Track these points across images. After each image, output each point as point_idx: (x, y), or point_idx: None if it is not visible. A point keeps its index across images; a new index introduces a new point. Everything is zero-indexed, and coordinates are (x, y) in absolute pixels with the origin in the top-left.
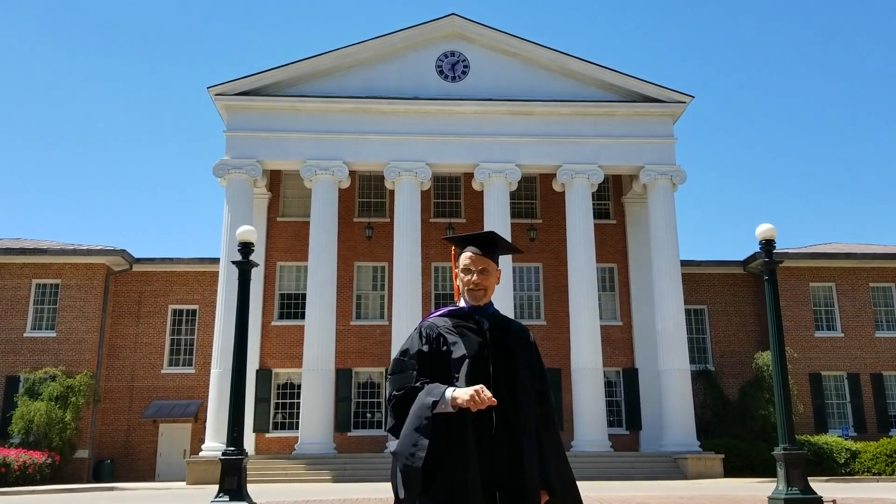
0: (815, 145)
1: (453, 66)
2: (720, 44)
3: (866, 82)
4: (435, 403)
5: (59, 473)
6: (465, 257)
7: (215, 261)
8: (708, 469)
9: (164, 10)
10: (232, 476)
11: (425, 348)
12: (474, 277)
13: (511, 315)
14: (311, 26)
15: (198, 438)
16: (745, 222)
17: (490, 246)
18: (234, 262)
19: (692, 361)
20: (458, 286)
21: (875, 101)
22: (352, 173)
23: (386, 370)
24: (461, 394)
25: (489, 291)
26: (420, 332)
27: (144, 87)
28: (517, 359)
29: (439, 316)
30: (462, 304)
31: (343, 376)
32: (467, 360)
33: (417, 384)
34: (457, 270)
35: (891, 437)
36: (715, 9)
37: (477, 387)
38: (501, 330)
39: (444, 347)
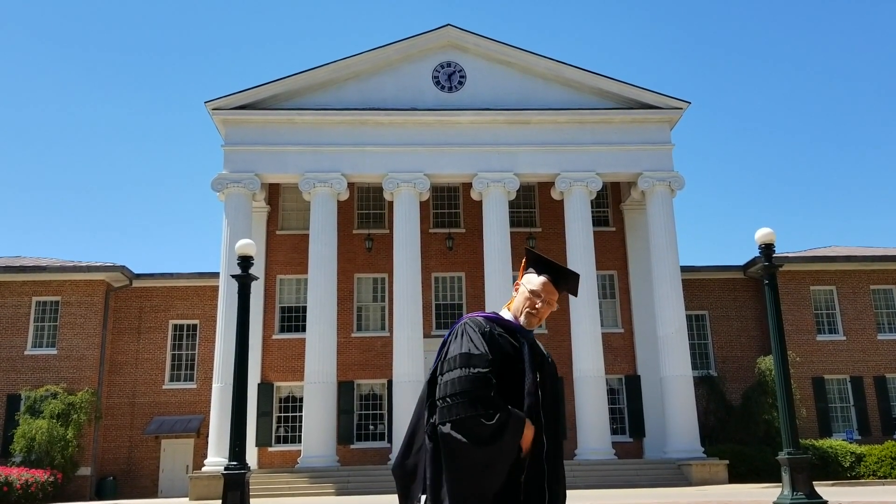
0: (813, 148)
1: (449, 77)
2: (716, 49)
3: (864, 85)
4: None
5: (61, 491)
6: (542, 282)
7: (215, 275)
8: (713, 475)
9: (161, 26)
10: (235, 491)
11: (488, 349)
12: (540, 305)
13: None
14: (307, 40)
15: (200, 454)
16: (744, 227)
17: (570, 284)
18: (233, 276)
19: (694, 367)
20: (516, 297)
21: (873, 103)
22: (350, 185)
23: (388, 381)
24: (527, 438)
25: (542, 321)
26: (476, 330)
27: (142, 102)
28: (549, 384)
29: (486, 318)
30: (507, 315)
31: (345, 389)
32: (528, 381)
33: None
34: (520, 283)
35: (895, 439)
36: (710, 14)
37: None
38: (540, 355)
39: (502, 353)
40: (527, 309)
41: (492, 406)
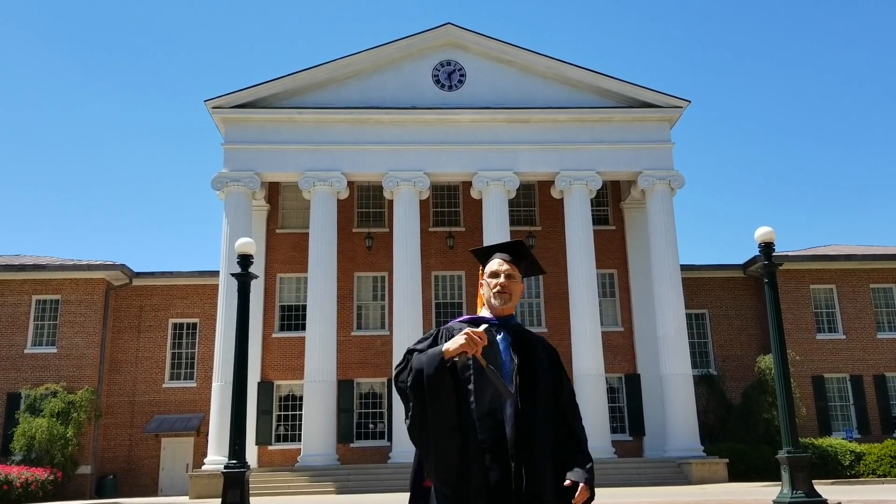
0: (813, 146)
1: (450, 75)
2: (716, 48)
3: (863, 83)
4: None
5: (61, 490)
6: (494, 262)
7: (215, 274)
8: (712, 474)
9: (161, 25)
10: (234, 489)
11: (429, 341)
12: (501, 280)
13: None
14: (308, 39)
15: (200, 452)
16: (744, 225)
17: (517, 254)
18: (233, 275)
19: (694, 366)
20: (483, 294)
21: (872, 101)
22: (350, 184)
23: (388, 380)
24: (450, 345)
25: (514, 298)
26: (437, 330)
27: (142, 100)
28: (538, 370)
29: (459, 321)
30: (484, 313)
31: (345, 387)
32: (473, 370)
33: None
34: (482, 280)
35: (895, 438)
36: (710, 13)
37: (466, 330)
38: (523, 342)
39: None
40: (493, 291)
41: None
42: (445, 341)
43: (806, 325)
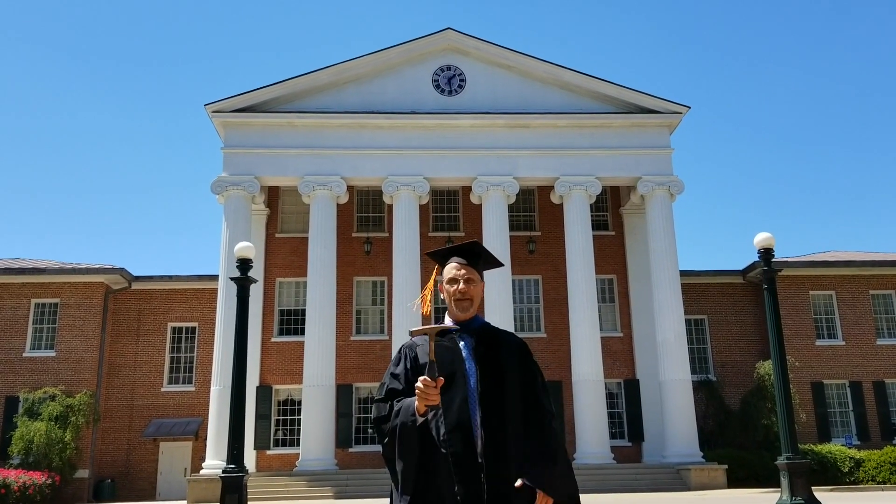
0: (813, 152)
1: (449, 80)
2: (715, 53)
3: (863, 88)
4: (412, 428)
5: (59, 494)
6: (450, 268)
7: (214, 278)
8: (711, 480)
9: (161, 29)
10: (233, 494)
11: (399, 370)
12: (460, 286)
13: (511, 328)
14: (308, 43)
15: (198, 456)
16: (743, 231)
17: (473, 256)
18: (232, 279)
19: (693, 371)
20: (428, 299)
21: (873, 107)
22: (350, 188)
23: None
24: (419, 404)
25: (475, 301)
26: (399, 353)
27: (143, 103)
28: (506, 374)
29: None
30: (447, 321)
31: (343, 392)
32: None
33: (386, 413)
34: (440, 284)
35: (894, 445)
36: (709, 19)
37: (418, 385)
38: (488, 344)
39: (418, 368)
40: (452, 299)
41: (384, 421)
42: (410, 361)
43: (805, 332)
